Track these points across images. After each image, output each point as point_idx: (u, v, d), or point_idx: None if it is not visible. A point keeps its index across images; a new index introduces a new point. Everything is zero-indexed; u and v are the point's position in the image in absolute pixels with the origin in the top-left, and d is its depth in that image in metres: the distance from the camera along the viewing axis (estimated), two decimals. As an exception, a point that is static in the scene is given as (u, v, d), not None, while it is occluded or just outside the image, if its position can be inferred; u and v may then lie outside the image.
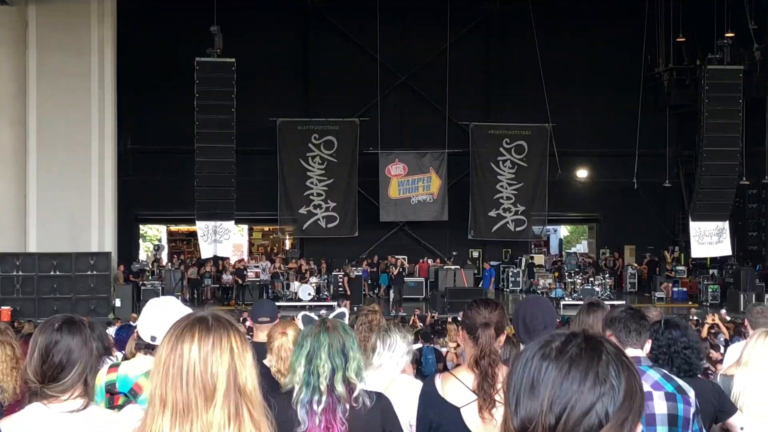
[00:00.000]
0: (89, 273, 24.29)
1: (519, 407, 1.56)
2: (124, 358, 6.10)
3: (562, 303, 25.92)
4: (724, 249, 26.87)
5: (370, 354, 5.18)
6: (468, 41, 30.59)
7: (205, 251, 26.25)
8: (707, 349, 7.78)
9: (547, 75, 29.67)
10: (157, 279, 27.54)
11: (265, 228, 34.89)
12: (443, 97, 30.13)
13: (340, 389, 3.67)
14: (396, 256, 30.01)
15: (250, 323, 17.84)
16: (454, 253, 30.39)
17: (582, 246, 37.94)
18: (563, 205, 32.10)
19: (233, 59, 25.37)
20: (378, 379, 4.97)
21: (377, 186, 30.63)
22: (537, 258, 31.96)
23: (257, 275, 28.01)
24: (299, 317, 4.30)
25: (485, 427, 3.88)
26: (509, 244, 31.62)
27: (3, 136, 24.47)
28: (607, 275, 30.10)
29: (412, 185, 30.88)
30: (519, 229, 31.08)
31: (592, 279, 29.04)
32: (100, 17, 24.67)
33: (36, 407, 3.13)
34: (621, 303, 17.74)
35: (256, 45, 28.45)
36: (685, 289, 29.08)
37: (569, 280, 29.03)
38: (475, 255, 31.58)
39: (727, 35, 27.62)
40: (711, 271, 29.45)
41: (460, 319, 4.74)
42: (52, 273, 24.07)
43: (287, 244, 33.10)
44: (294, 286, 27.53)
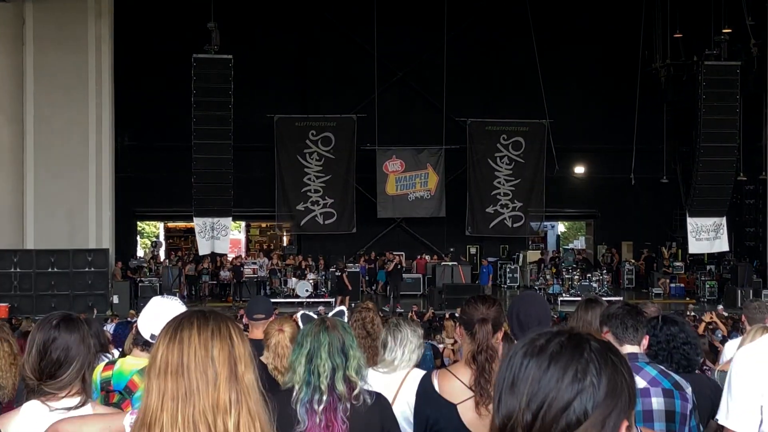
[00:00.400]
0: (87, 270, 24.33)
1: (501, 404, 1.56)
2: (121, 354, 6.09)
3: (559, 299, 25.97)
4: (721, 245, 26.89)
5: (380, 351, 5.18)
6: (465, 37, 30.57)
7: (203, 248, 26.24)
8: (704, 346, 7.79)
9: (545, 71, 29.64)
10: (155, 275, 27.53)
11: (263, 224, 34.93)
12: (440, 94, 30.09)
13: (341, 388, 3.68)
14: (393, 252, 30.05)
15: (246, 320, 17.91)
16: (451, 250, 30.44)
17: (579, 242, 38.00)
18: (561, 202, 32.14)
19: (230, 56, 25.35)
20: (392, 375, 4.98)
21: (375, 182, 30.66)
22: (531, 254, 31.94)
23: (255, 272, 28.03)
24: (299, 316, 4.30)
25: (482, 423, 3.88)
26: (507, 240, 31.66)
27: (0, 133, 24.46)
28: (605, 271, 30.14)
29: (409, 181, 30.90)
30: (516, 226, 31.12)
31: (589, 275, 29.08)
32: (97, 14, 24.67)
33: (34, 404, 3.13)
34: (618, 299, 17.78)
35: (253, 41, 28.46)
36: (683, 285, 29.11)
37: (567, 276, 29.07)
38: (473, 251, 31.60)
39: (724, 31, 27.66)
40: (708, 267, 29.49)
41: (457, 316, 4.76)
42: (49, 269, 24.10)
43: (285, 240, 33.13)
44: (292, 282, 27.56)
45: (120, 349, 7.58)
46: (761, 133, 27.84)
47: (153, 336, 4.35)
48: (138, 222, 33.21)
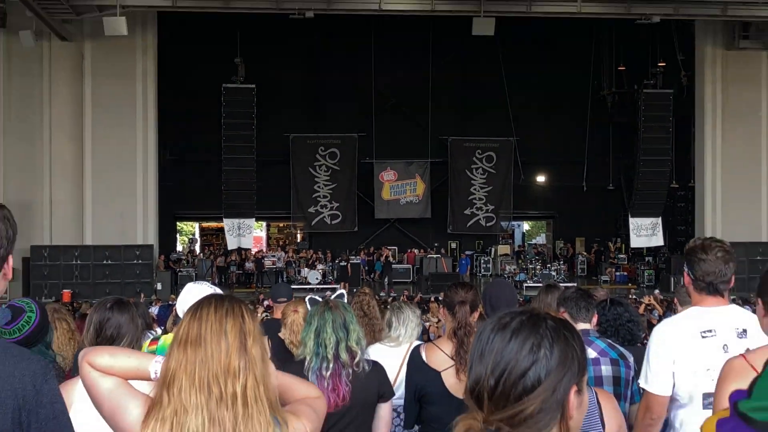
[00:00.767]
0: (135, 262, 24.30)
1: (471, 371, 1.56)
2: (164, 331, 6.08)
3: (524, 285, 25.95)
4: (657, 240, 26.94)
5: (385, 329, 5.22)
6: (447, 70, 30.54)
7: (231, 243, 26.28)
8: (644, 324, 7.81)
9: (512, 97, 29.77)
10: (191, 266, 27.54)
11: (280, 224, 34.85)
12: (426, 116, 30.13)
13: (344, 357, 3.70)
14: (388, 247, 30.09)
15: (269, 303, 17.90)
16: (435, 245, 30.46)
17: (541, 238, 37.93)
18: (525, 205, 32.12)
19: (253, 85, 25.44)
20: (397, 348, 5.01)
21: (373, 189, 30.66)
22: (502, 248, 31.92)
23: (273, 263, 28.00)
24: (307, 299, 4.31)
25: (461, 387, 3.90)
26: (481, 236, 31.63)
27: (64, 149, 24.42)
28: (562, 262, 30.19)
29: (401, 188, 30.90)
30: (489, 225, 31.10)
31: (549, 265, 29.09)
32: (143, 51, 24.64)
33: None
34: (573, 285, 17.81)
35: (272, 72, 28.39)
36: (626, 274, 29.14)
37: (530, 266, 29.08)
38: (453, 246, 31.58)
39: (659, 65, 27.78)
40: (647, 259, 29.52)
41: (441, 299, 4.76)
42: (104, 262, 24.07)
43: (299, 237, 33.08)
44: (304, 271, 27.56)
45: (162, 327, 7.57)
46: (690, 148, 27.86)
47: (186, 314, 4.34)
48: (177, 222, 33.13)
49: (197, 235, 35.48)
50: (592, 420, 2.87)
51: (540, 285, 17.50)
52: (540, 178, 33.04)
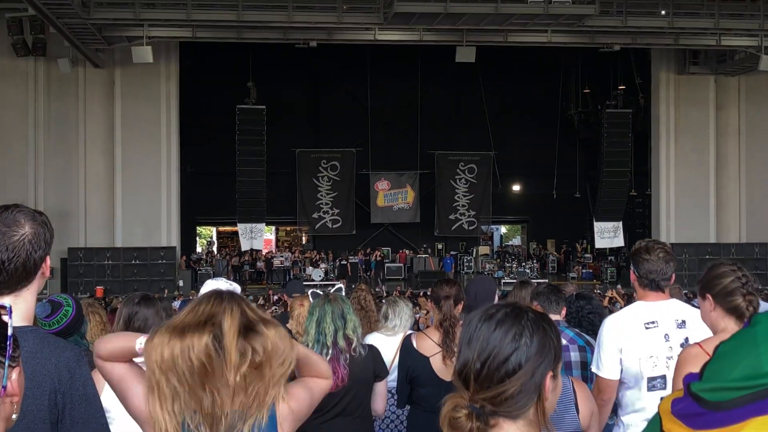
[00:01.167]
0: (160, 262, 24.28)
1: (459, 355, 1.56)
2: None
3: (502, 281, 25.95)
4: (619, 242, 27.00)
5: (382, 320, 5.24)
6: (434, 91, 30.59)
7: (244, 245, 26.27)
8: (608, 314, 7.83)
9: (491, 116, 29.82)
10: (210, 266, 27.51)
11: (288, 228, 34.81)
12: (416, 133, 30.16)
13: (341, 343, 3.71)
14: (381, 248, 30.12)
15: (279, 297, 17.87)
16: (424, 246, 30.46)
17: (516, 240, 37.95)
18: (503, 210, 32.13)
19: (264, 106, 25.44)
20: (393, 338, 5.01)
21: (369, 197, 30.64)
22: (482, 249, 31.96)
23: (282, 262, 27.97)
24: (309, 293, 4.32)
25: (447, 371, 3.93)
26: (464, 238, 31.64)
27: (96, 162, 24.39)
28: (535, 261, 30.20)
29: (393, 197, 30.89)
30: (471, 228, 31.08)
31: (523, 264, 29.10)
32: (166, 77, 24.64)
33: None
34: (544, 281, 17.78)
35: (281, 95, 28.39)
36: (591, 271, 29.17)
37: (507, 264, 29.10)
38: (440, 247, 31.57)
39: (620, 87, 27.87)
40: (610, 258, 29.56)
41: (429, 294, 4.77)
42: (133, 262, 24.04)
43: (304, 239, 33.05)
44: (309, 270, 27.52)
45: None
46: (647, 161, 27.95)
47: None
48: (197, 227, 33.07)
49: (215, 238, 35.41)
50: (567, 406, 2.88)
51: (515, 281, 17.53)
52: (515, 187, 33.09)
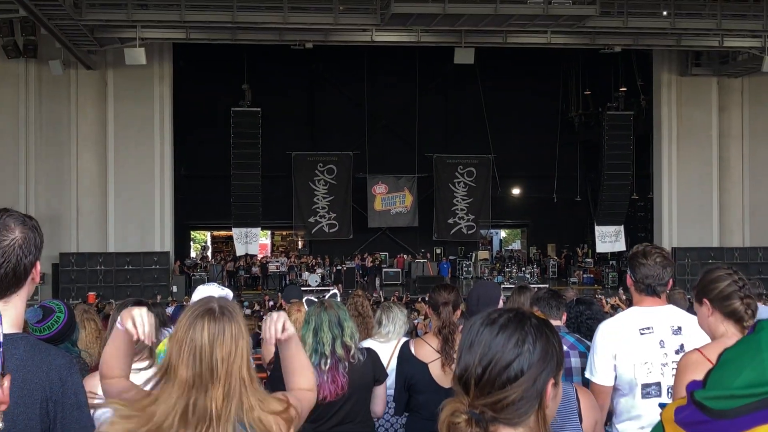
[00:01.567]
0: (153, 267, 24.22)
1: (460, 360, 1.56)
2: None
3: (502, 287, 25.88)
4: (620, 246, 26.99)
5: (376, 326, 5.22)
6: (432, 94, 30.66)
7: (239, 250, 26.24)
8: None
9: (490, 118, 29.86)
10: (204, 271, 27.42)
11: (284, 232, 34.80)
12: (414, 136, 30.20)
13: (340, 351, 3.72)
14: (378, 252, 30.11)
15: (275, 302, 17.85)
16: (422, 250, 30.45)
17: (516, 244, 37.96)
18: (502, 214, 32.17)
19: (259, 109, 25.45)
20: (387, 344, 5.01)
21: (366, 201, 30.62)
22: (481, 254, 31.96)
23: (277, 267, 27.98)
24: (304, 300, 4.32)
25: (445, 377, 3.92)
26: (463, 243, 31.65)
27: (89, 164, 24.35)
28: (535, 266, 30.22)
29: (391, 200, 30.89)
30: (470, 232, 31.11)
31: (523, 268, 29.10)
32: (160, 78, 24.61)
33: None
34: (545, 286, 17.81)
35: (276, 97, 28.40)
36: (592, 276, 29.18)
37: (507, 269, 29.10)
38: (438, 251, 31.58)
39: (621, 89, 27.90)
40: (611, 262, 29.50)
41: (427, 299, 4.77)
42: (126, 267, 23.99)
43: (300, 244, 33.03)
44: (305, 275, 27.51)
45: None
46: (649, 164, 27.97)
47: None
48: (191, 231, 33.03)
49: (209, 243, 35.40)
50: (570, 414, 2.85)
51: (514, 286, 17.46)
52: (515, 190, 33.10)
